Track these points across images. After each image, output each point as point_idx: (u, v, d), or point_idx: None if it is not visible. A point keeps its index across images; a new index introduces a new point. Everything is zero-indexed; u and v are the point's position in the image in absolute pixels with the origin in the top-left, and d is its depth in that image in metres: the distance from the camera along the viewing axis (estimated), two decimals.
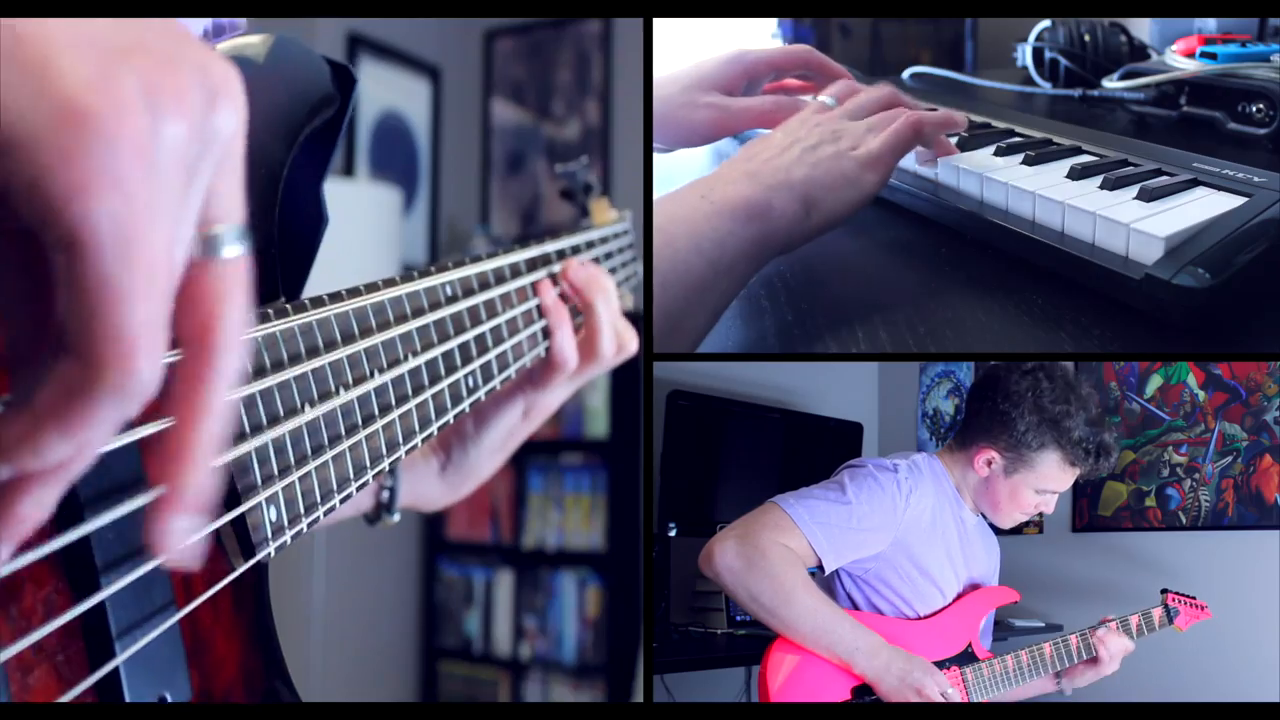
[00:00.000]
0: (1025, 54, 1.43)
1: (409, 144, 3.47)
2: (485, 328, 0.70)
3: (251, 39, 0.54)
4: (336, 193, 2.72)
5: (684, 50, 1.53)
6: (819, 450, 2.28)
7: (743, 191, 0.82)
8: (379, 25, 3.28)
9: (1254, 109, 1.13)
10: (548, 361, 0.81)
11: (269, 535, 0.46)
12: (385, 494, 0.83)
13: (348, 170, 3.20)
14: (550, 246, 0.84)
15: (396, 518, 0.84)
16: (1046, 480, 1.32)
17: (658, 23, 1.35)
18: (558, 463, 3.21)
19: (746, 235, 0.81)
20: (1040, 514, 1.40)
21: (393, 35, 3.35)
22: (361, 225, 2.62)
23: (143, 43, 0.29)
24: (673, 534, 2.00)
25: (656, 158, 1.18)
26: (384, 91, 3.34)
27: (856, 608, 1.30)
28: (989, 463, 1.33)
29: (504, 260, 0.75)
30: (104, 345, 0.28)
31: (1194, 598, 1.51)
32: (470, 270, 0.69)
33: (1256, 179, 0.94)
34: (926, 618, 1.31)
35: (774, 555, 1.18)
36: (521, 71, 3.65)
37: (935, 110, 0.99)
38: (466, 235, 3.56)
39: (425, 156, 3.53)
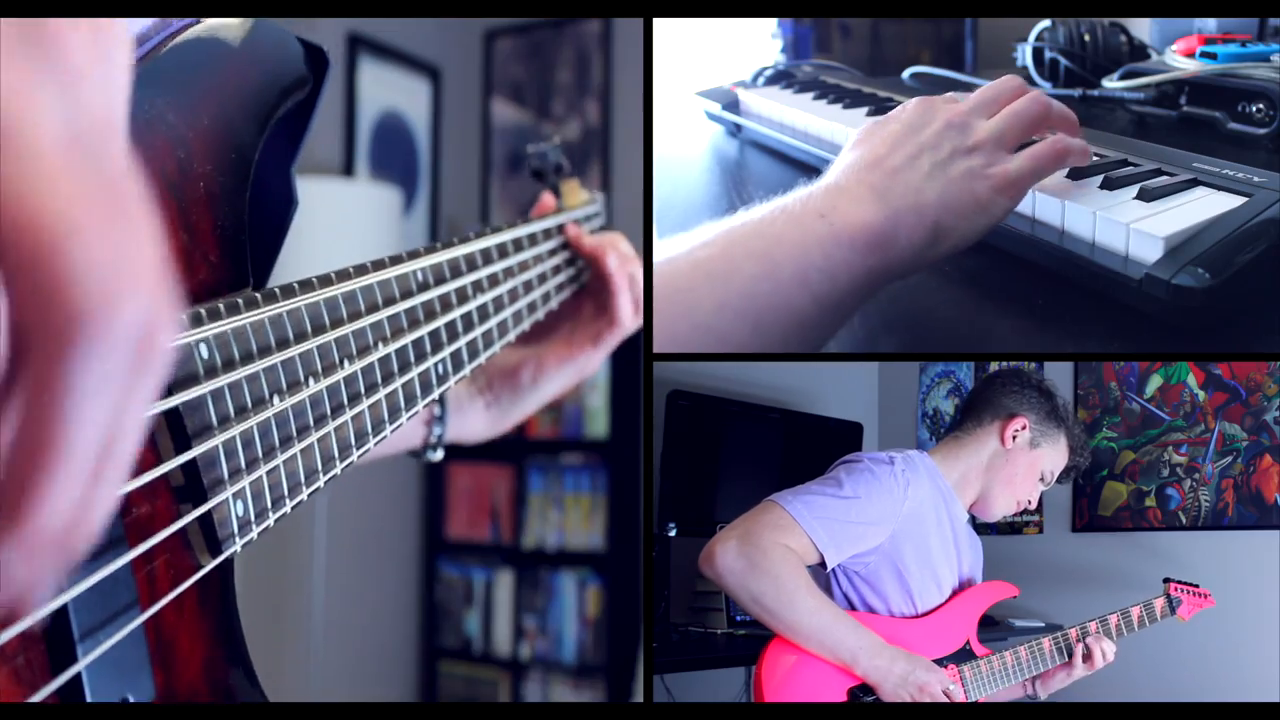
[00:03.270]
0: (1025, 54, 1.43)
1: (409, 144, 3.47)
2: (457, 313, 0.69)
3: (230, 21, 0.53)
4: (336, 193, 2.72)
5: (684, 50, 1.53)
6: (819, 450, 2.27)
7: (869, 215, 0.71)
8: (379, 25, 3.28)
9: (1254, 109, 1.13)
10: (610, 321, 0.88)
11: (235, 531, 0.45)
12: (435, 434, 0.85)
13: (348, 170, 3.20)
14: (523, 230, 0.84)
15: (440, 455, 0.86)
16: (1056, 461, 1.40)
17: (658, 23, 1.35)
18: (558, 463, 3.21)
19: (864, 266, 0.70)
20: (1034, 511, 1.41)
21: (393, 35, 3.35)
22: (361, 225, 2.62)
23: None
24: (673, 534, 2.00)
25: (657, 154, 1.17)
26: (384, 91, 3.34)
27: (853, 607, 1.30)
28: (1015, 435, 1.37)
29: (476, 245, 0.75)
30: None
31: (1196, 586, 1.51)
32: (442, 256, 0.68)
33: (1256, 179, 0.94)
34: (924, 615, 1.32)
35: (775, 556, 1.18)
36: (521, 71, 3.65)
37: (1070, 115, 0.89)
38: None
39: (425, 156, 3.53)
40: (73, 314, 0.25)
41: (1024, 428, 1.37)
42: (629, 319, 0.88)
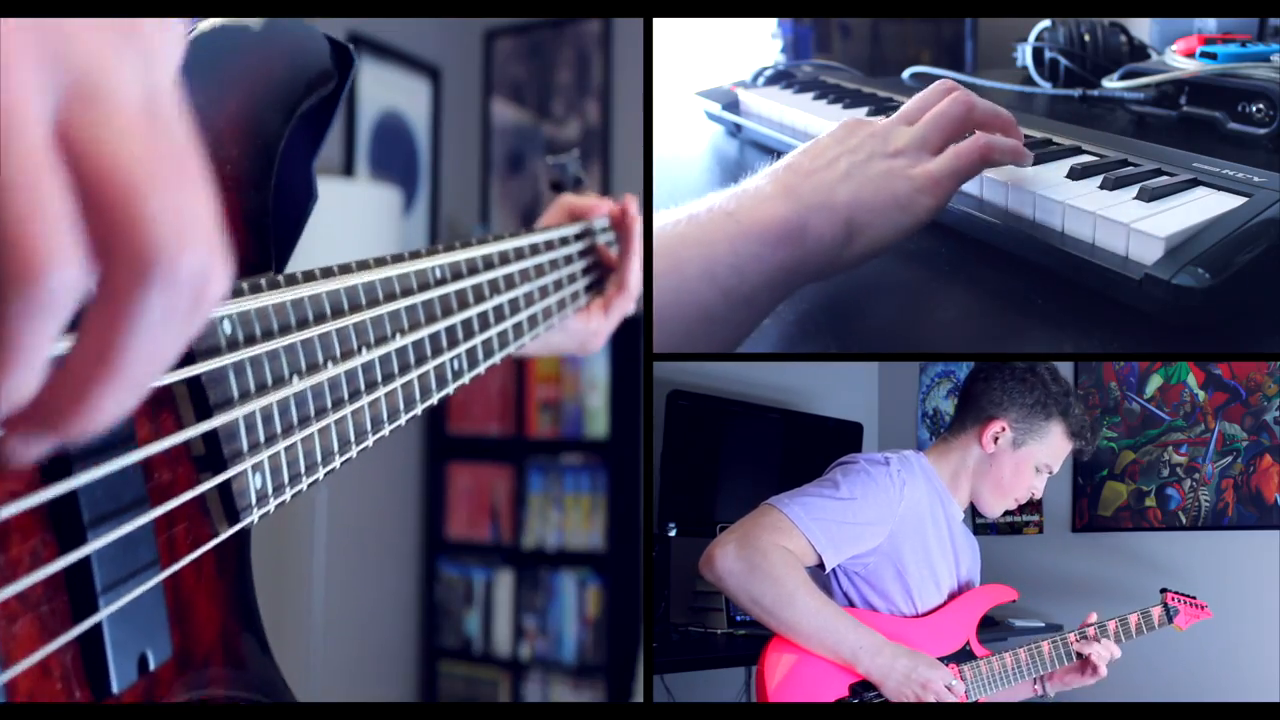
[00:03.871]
0: (1025, 54, 1.43)
1: (409, 144, 3.47)
2: (474, 312, 0.70)
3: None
4: (336, 192, 2.72)
5: (684, 50, 1.53)
6: (819, 450, 2.28)
7: (777, 210, 0.73)
8: (379, 25, 3.28)
9: (1254, 109, 1.13)
10: (622, 289, 0.95)
11: (253, 502, 0.47)
12: None
13: (348, 170, 3.20)
14: (540, 236, 0.85)
15: None
16: (1050, 453, 1.36)
17: (658, 23, 1.35)
18: (558, 463, 3.21)
19: (774, 260, 0.72)
20: (1032, 507, 1.40)
21: (393, 35, 3.35)
22: (361, 225, 2.62)
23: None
24: (673, 534, 2.00)
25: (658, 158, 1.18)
26: (384, 91, 3.34)
27: (853, 606, 1.31)
28: (995, 437, 1.35)
29: (495, 247, 0.76)
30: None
31: (1194, 597, 1.51)
32: (461, 255, 0.70)
33: (1256, 179, 0.94)
34: (924, 615, 1.32)
35: (774, 557, 1.18)
36: (521, 71, 3.65)
37: (1001, 114, 0.90)
38: (466, 235, 3.56)
39: (425, 156, 3.53)
40: (146, 255, 0.28)
41: (1004, 430, 1.34)
42: (637, 285, 0.95)
